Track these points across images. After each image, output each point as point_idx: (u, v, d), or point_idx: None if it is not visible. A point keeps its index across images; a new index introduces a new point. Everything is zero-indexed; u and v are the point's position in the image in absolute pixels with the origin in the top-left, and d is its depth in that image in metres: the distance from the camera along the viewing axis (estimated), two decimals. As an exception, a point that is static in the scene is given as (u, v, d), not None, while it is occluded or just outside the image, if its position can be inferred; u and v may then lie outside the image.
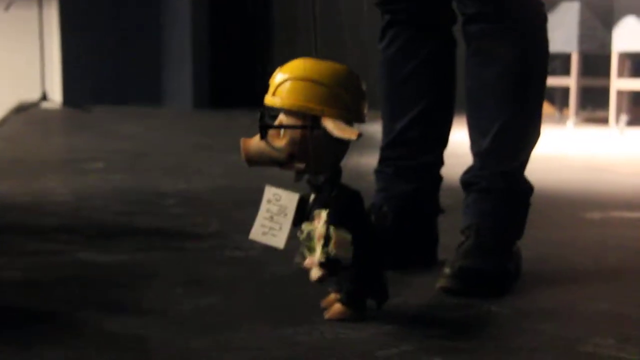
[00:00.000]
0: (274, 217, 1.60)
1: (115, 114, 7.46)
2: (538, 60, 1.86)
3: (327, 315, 1.58)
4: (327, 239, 1.51)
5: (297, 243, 1.56)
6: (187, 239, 2.30)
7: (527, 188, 1.90)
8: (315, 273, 1.53)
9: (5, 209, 2.72)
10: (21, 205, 2.78)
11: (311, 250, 1.55)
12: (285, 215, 1.60)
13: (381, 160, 2.03)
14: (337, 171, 1.59)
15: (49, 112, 7.60)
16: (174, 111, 8.00)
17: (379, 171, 2.03)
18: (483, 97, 1.87)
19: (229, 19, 8.55)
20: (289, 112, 1.53)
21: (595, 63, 6.94)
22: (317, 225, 1.53)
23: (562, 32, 6.26)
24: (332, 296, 1.64)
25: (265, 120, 1.57)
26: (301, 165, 1.55)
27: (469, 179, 1.90)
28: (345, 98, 1.52)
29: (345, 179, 1.58)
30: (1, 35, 8.71)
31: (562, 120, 6.92)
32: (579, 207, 2.90)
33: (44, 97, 7.81)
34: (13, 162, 4.03)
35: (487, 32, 1.85)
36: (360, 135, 1.49)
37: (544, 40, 1.87)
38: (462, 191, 1.94)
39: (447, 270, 1.74)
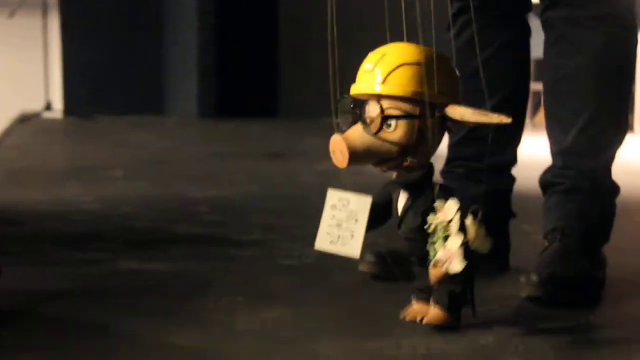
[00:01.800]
0: (342, 224, 1.46)
1: (121, 123, 7.29)
2: (627, 49, 1.72)
3: (426, 320, 1.43)
4: (463, 230, 1.37)
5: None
6: (233, 247, 2.15)
7: (613, 188, 1.75)
8: (458, 264, 1.37)
9: (30, 217, 2.56)
10: (47, 214, 2.62)
11: (437, 243, 1.38)
12: (357, 221, 1.45)
13: (450, 160, 1.88)
14: (431, 167, 1.45)
15: (54, 122, 7.43)
16: (180, 120, 7.84)
17: (448, 172, 1.88)
18: (566, 90, 1.73)
19: (236, 28, 8.41)
20: (404, 100, 1.39)
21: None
22: (442, 217, 1.38)
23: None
24: (417, 306, 1.48)
25: (359, 111, 1.41)
26: (414, 160, 1.40)
27: (551, 179, 1.76)
28: (455, 81, 1.42)
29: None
30: (5, 44, 8.56)
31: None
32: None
33: (49, 107, 7.66)
34: (27, 171, 3.87)
35: (571, 19, 1.70)
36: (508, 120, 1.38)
37: (633, 26, 1.72)
38: (539, 193, 1.79)
39: (534, 278, 1.59)
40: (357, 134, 1.40)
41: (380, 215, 1.47)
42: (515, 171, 1.91)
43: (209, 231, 2.37)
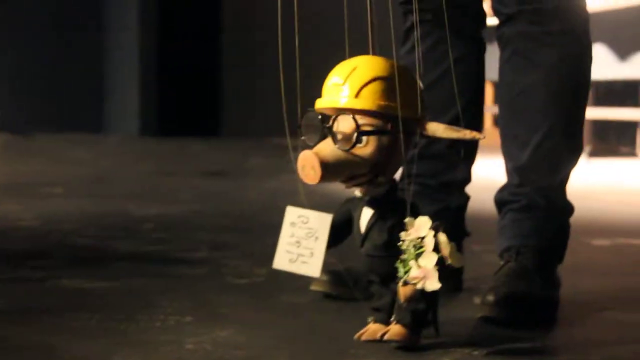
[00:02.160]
0: (301, 242, 1.41)
1: (58, 140, 7.16)
2: (582, 64, 1.71)
3: (387, 336, 1.39)
4: (436, 246, 1.33)
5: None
6: (179, 265, 2.09)
7: (568, 207, 1.74)
8: (434, 282, 1.33)
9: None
10: (-16, 230, 2.54)
11: (410, 261, 1.34)
12: (317, 239, 1.41)
13: (403, 177, 1.85)
14: (396, 182, 1.42)
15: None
16: (120, 138, 7.74)
17: (400, 189, 1.84)
18: (521, 106, 1.71)
19: (178, 46, 8.32)
20: (376, 115, 1.36)
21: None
22: (414, 234, 1.34)
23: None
24: (374, 326, 1.44)
25: (329, 125, 1.37)
26: (382, 178, 1.37)
27: (506, 196, 1.73)
28: (420, 96, 1.40)
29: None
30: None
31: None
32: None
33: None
34: (-37, 186, 3.77)
35: (527, 35, 1.69)
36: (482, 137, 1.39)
37: (588, 43, 1.71)
38: (493, 211, 1.77)
39: (490, 297, 1.56)
40: (329, 149, 1.36)
41: (340, 232, 1.43)
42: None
43: (154, 248, 2.31)
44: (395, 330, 1.40)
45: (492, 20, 1.80)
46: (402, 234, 1.35)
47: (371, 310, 1.46)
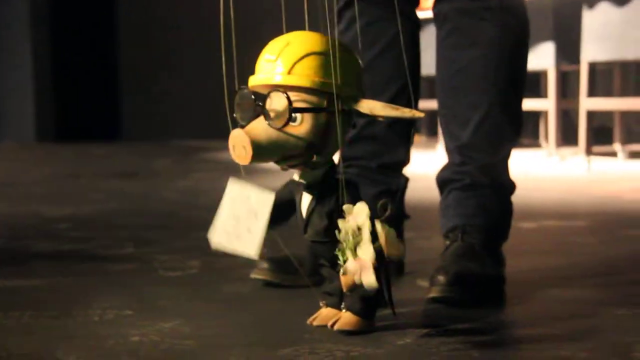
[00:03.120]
0: (240, 219, 1.33)
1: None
2: (521, 39, 1.69)
3: (337, 326, 1.33)
4: (374, 235, 1.27)
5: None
6: (105, 262, 1.99)
7: (511, 184, 1.72)
8: (371, 275, 1.27)
9: None
10: None
11: (347, 250, 1.28)
12: (257, 217, 1.33)
13: (342, 160, 1.80)
14: (334, 165, 1.36)
15: None
16: (16, 144, 7.48)
17: (339, 172, 1.80)
18: (460, 84, 1.68)
19: (73, 49, 8.10)
20: (311, 92, 1.29)
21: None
22: (352, 222, 1.28)
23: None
24: (325, 310, 1.39)
25: (261, 103, 1.30)
26: (319, 159, 1.30)
27: (448, 175, 1.70)
28: (359, 73, 1.34)
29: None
30: None
31: (429, 145, 6.88)
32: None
33: None
34: None
35: (464, 11, 1.66)
36: (422, 114, 1.32)
37: (526, 18, 1.70)
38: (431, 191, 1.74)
39: (440, 277, 1.52)
40: (260, 127, 1.29)
41: (282, 213, 1.37)
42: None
43: (75, 247, 2.20)
44: (345, 318, 1.35)
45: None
46: (339, 222, 1.29)
47: (322, 294, 1.41)
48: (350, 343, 1.29)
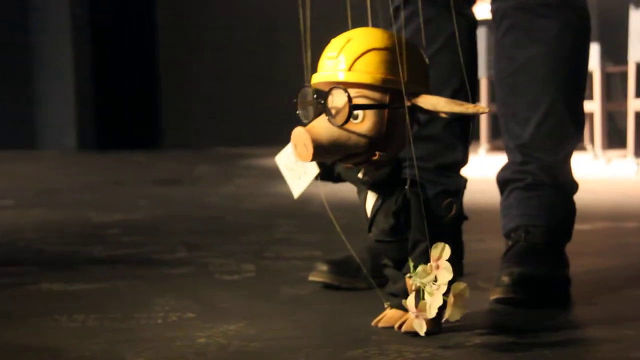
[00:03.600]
0: (295, 167, 1.40)
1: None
2: (582, 36, 1.66)
3: (404, 327, 1.32)
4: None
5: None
6: (160, 266, 1.99)
7: (574, 183, 1.69)
8: (423, 328, 1.27)
9: None
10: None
11: (416, 278, 1.28)
12: (306, 173, 1.37)
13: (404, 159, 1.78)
14: (399, 163, 1.34)
15: None
16: (58, 152, 7.53)
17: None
18: (521, 82, 1.66)
19: (113, 54, 8.14)
20: (373, 88, 1.28)
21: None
22: (434, 268, 1.27)
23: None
24: (391, 311, 1.37)
25: (323, 101, 1.29)
26: (383, 154, 1.28)
27: (509, 175, 1.68)
28: (424, 69, 1.32)
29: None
30: None
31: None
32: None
33: None
34: None
35: (523, 7, 1.64)
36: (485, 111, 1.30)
37: (587, 14, 1.67)
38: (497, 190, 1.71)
39: (504, 278, 1.50)
40: (322, 125, 1.28)
41: (330, 172, 1.38)
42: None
43: (128, 252, 2.20)
44: (412, 320, 1.33)
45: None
46: (420, 270, 1.27)
47: (387, 295, 1.39)
48: (419, 344, 1.27)
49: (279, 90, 7.95)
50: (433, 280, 1.26)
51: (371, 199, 1.37)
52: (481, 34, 4.65)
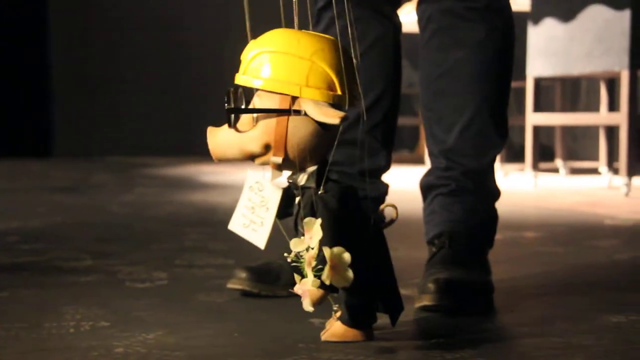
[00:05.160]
0: (255, 208, 1.30)
1: None
2: (507, 41, 1.66)
3: (324, 336, 1.27)
4: (320, 261, 1.21)
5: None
6: (66, 274, 1.89)
7: (496, 190, 1.68)
8: (310, 301, 1.22)
9: None
10: None
11: (301, 273, 1.24)
12: (267, 209, 1.30)
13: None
14: (323, 166, 1.29)
15: None
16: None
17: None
18: (445, 86, 1.64)
19: (2, 63, 7.86)
20: (263, 92, 1.24)
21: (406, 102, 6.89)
22: (307, 242, 1.22)
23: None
24: (334, 317, 1.32)
25: (235, 103, 1.25)
26: (277, 159, 1.24)
27: (433, 181, 1.66)
28: (328, 75, 1.24)
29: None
30: None
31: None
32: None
33: None
34: None
35: (450, 11, 1.62)
36: (345, 119, 1.22)
37: (511, 20, 1.66)
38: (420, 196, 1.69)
39: (430, 285, 1.47)
40: (224, 127, 1.27)
41: (290, 206, 1.31)
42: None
43: (30, 259, 2.09)
44: (334, 328, 1.29)
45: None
46: (292, 243, 1.23)
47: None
48: (350, 352, 1.22)
49: (176, 99, 7.85)
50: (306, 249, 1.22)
51: (297, 200, 1.32)
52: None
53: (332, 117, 1.21)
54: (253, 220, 1.29)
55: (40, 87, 7.90)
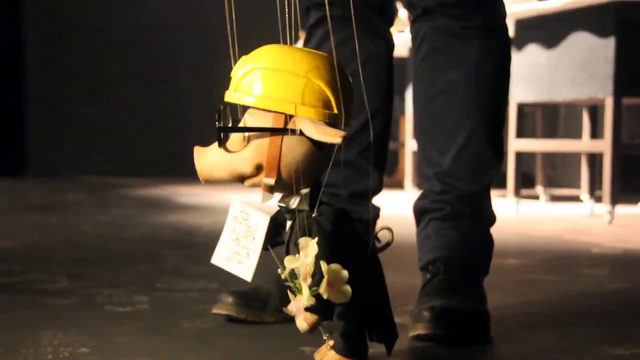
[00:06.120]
0: (240, 239, 1.23)
1: None
2: (505, 61, 1.61)
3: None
4: (316, 277, 1.15)
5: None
6: (43, 296, 1.81)
7: (491, 215, 1.62)
8: (304, 321, 1.16)
9: None
10: None
11: (296, 291, 1.17)
12: (254, 239, 1.23)
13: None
14: (317, 189, 1.23)
15: None
16: None
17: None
18: (440, 107, 1.59)
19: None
20: (255, 110, 1.18)
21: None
22: (302, 259, 1.16)
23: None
24: (328, 345, 1.26)
25: (224, 122, 1.19)
26: (270, 181, 1.18)
27: (427, 205, 1.60)
28: (325, 93, 1.18)
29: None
30: None
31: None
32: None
33: None
34: None
35: (445, 30, 1.57)
36: (346, 139, 1.16)
37: (508, 40, 1.62)
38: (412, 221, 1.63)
39: (425, 313, 1.41)
40: (213, 147, 1.20)
41: (279, 235, 1.24)
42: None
43: (4, 280, 2.01)
44: (328, 358, 1.22)
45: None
46: (286, 260, 1.17)
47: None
48: (345, 383, 1.16)
49: (154, 118, 7.77)
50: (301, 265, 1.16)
51: (288, 225, 1.26)
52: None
53: (333, 136, 1.15)
54: (238, 252, 1.22)
55: (15, 105, 7.79)
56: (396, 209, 4.06)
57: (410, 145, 5.60)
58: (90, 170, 7.50)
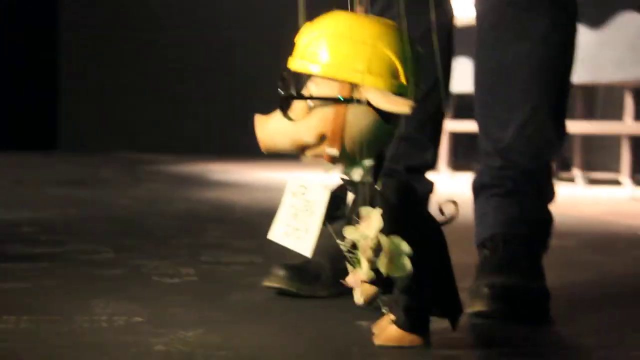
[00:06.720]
0: (298, 214, 1.19)
1: None
2: (570, 37, 1.56)
3: (379, 341, 1.17)
4: (377, 250, 1.12)
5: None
6: (89, 266, 1.79)
7: (552, 192, 1.58)
8: (361, 294, 1.13)
9: None
10: None
11: (356, 263, 1.14)
12: (313, 213, 1.19)
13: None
14: (380, 161, 1.19)
15: None
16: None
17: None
18: (503, 81, 1.54)
19: (10, 54, 7.76)
20: (320, 79, 1.14)
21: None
22: (364, 230, 1.13)
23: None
24: (386, 319, 1.22)
25: (289, 90, 1.15)
26: (334, 151, 1.14)
27: (487, 180, 1.56)
28: (392, 62, 1.14)
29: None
30: None
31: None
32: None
33: None
34: None
35: (510, 2, 1.53)
36: (414, 109, 1.12)
37: (576, 13, 1.57)
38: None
39: (484, 290, 1.37)
40: (275, 116, 1.16)
41: (338, 208, 1.21)
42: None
43: (49, 250, 2.00)
44: (388, 332, 1.18)
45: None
46: (347, 231, 1.14)
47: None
48: (405, 357, 1.13)
49: (183, 95, 7.75)
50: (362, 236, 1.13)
51: (350, 197, 1.22)
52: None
53: (402, 105, 1.11)
54: (297, 227, 1.18)
55: (47, 80, 7.80)
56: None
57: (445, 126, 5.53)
58: (120, 146, 7.49)
